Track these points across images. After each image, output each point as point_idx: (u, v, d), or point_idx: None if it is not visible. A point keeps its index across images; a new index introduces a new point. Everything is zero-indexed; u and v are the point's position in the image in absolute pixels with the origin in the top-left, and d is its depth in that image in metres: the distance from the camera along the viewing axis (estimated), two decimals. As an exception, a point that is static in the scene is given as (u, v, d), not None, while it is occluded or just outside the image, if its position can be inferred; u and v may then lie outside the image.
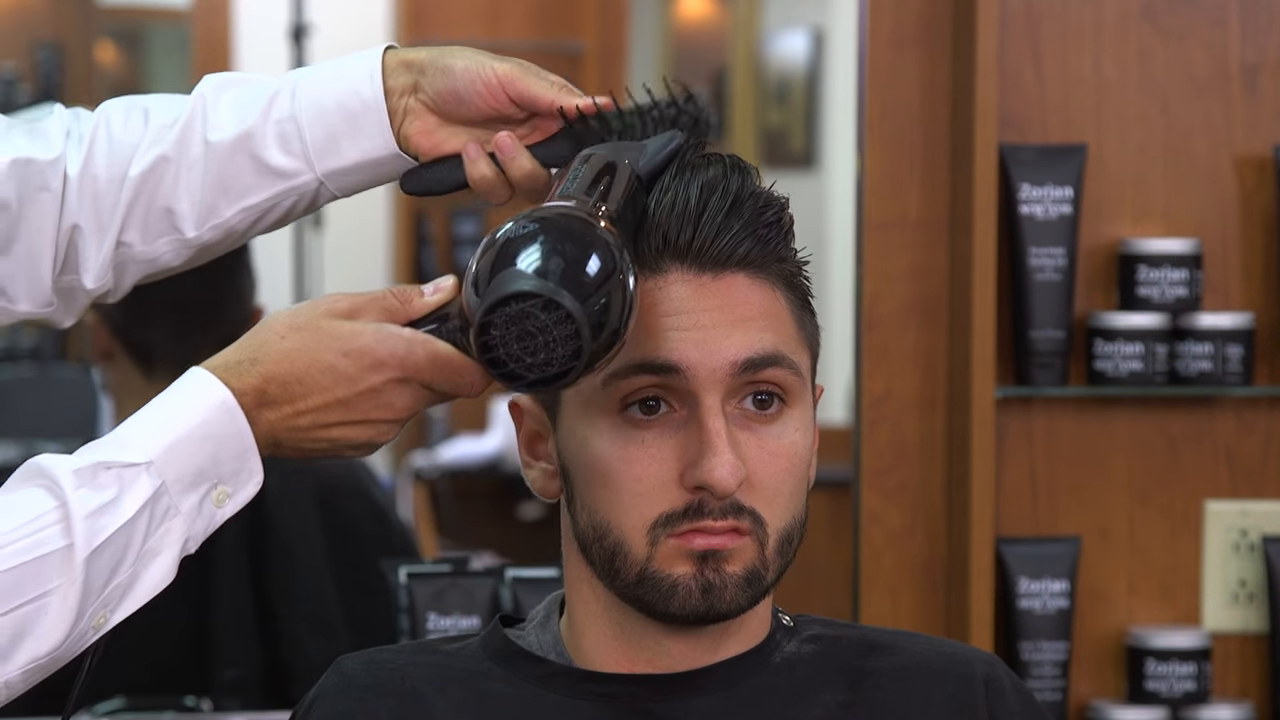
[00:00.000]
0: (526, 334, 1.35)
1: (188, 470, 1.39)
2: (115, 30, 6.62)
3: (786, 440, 1.47)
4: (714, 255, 1.46)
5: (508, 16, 6.51)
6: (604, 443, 1.46)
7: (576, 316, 1.34)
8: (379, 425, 1.42)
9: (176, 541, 1.40)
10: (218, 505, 1.41)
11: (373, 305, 1.43)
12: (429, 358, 1.41)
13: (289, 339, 1.41)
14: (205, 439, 1.39)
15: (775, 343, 1.46)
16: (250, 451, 1.41)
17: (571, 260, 1.36)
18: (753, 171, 1.49)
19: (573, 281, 1.35)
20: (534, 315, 1.35)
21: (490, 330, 1.36)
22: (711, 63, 7.32)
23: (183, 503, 1.40)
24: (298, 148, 1.62)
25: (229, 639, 2.70)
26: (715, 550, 1.45)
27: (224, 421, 1.40)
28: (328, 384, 1.41)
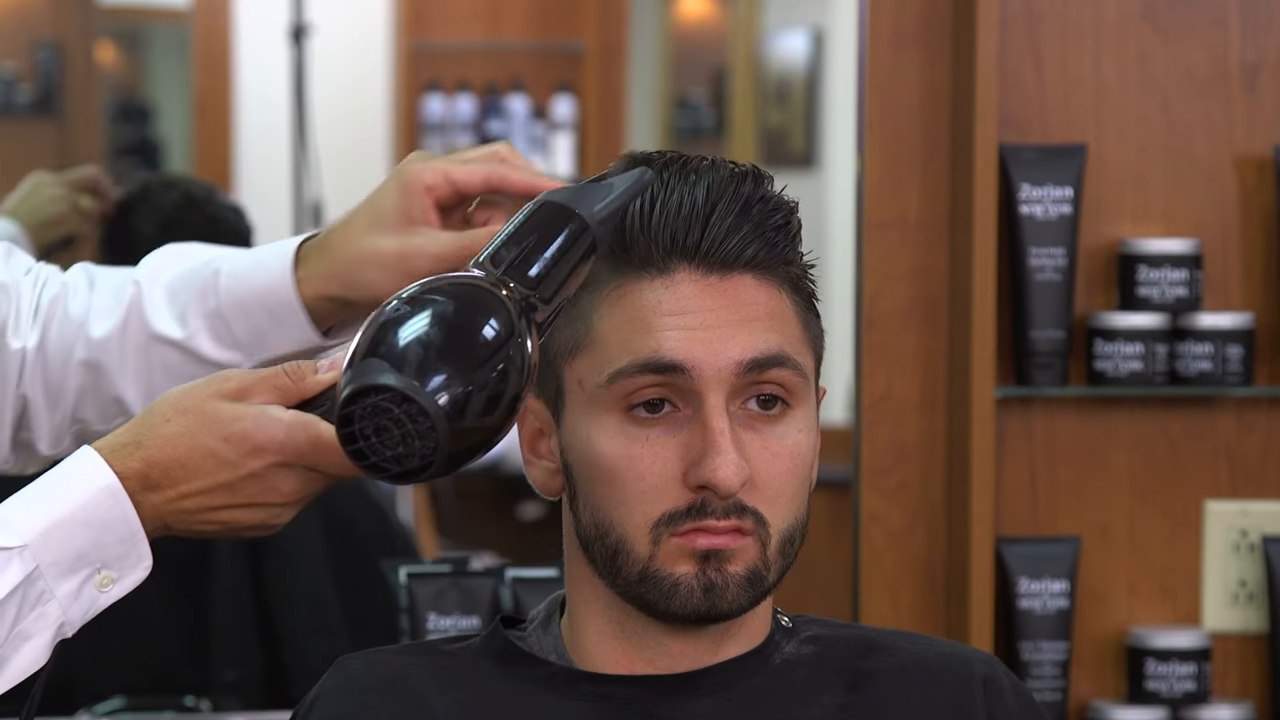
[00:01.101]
0: (383, 428, 1.32)
1: (65, 554, 1.37)
2: (115, 30, 6.62)
3: (790, 441, 1.47)
4: (722, 256, 1.46)
5: (508, 16, 6.51)
6: (608, 441, 1.46)
7: (430, 411, 1.31)
8: (269, 508, 1.41)
9: (50, 626, 1.38)
10: (100, 589, 1.39)
11: (263, 385, 1.41)
12: (309, 441, 1.39)
13: (173, 423, 1.40)
14: (85, 524, 1.37)
15: (780, 344, 1.47)
16: (136, 536, 1.39)
17: (436, 348, 1.32)
18: (767, 178, 1.49)
19: (432, 367, 1.31)
20: (389, 410, 1.32)
21: (351, 422, 1.33)
22: (711, 63, 7.32)
23: (59, 587, 1.37)
24: (230, 341, 1.64)
25: (229, 639, 2.70)
26: (717, 550, 1.45)
27: (107, 505, 1.38)
28: (210, 469, 1.39)
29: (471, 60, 6.49)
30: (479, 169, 1.61)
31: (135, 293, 1.69)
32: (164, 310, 1.66)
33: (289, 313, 1.62)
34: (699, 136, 7.13)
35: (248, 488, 1.39)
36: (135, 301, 1.68)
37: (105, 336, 1.66)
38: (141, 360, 1.65)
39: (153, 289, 1.68)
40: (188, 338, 1.64)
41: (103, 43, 6.36)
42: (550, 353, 1.50)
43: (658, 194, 1.47)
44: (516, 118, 6.45)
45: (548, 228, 1.39)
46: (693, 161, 1.49)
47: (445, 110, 6.44)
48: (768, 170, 1.50)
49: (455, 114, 6.44)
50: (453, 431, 1.32)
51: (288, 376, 1.41)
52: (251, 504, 1.40)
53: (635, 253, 1.46)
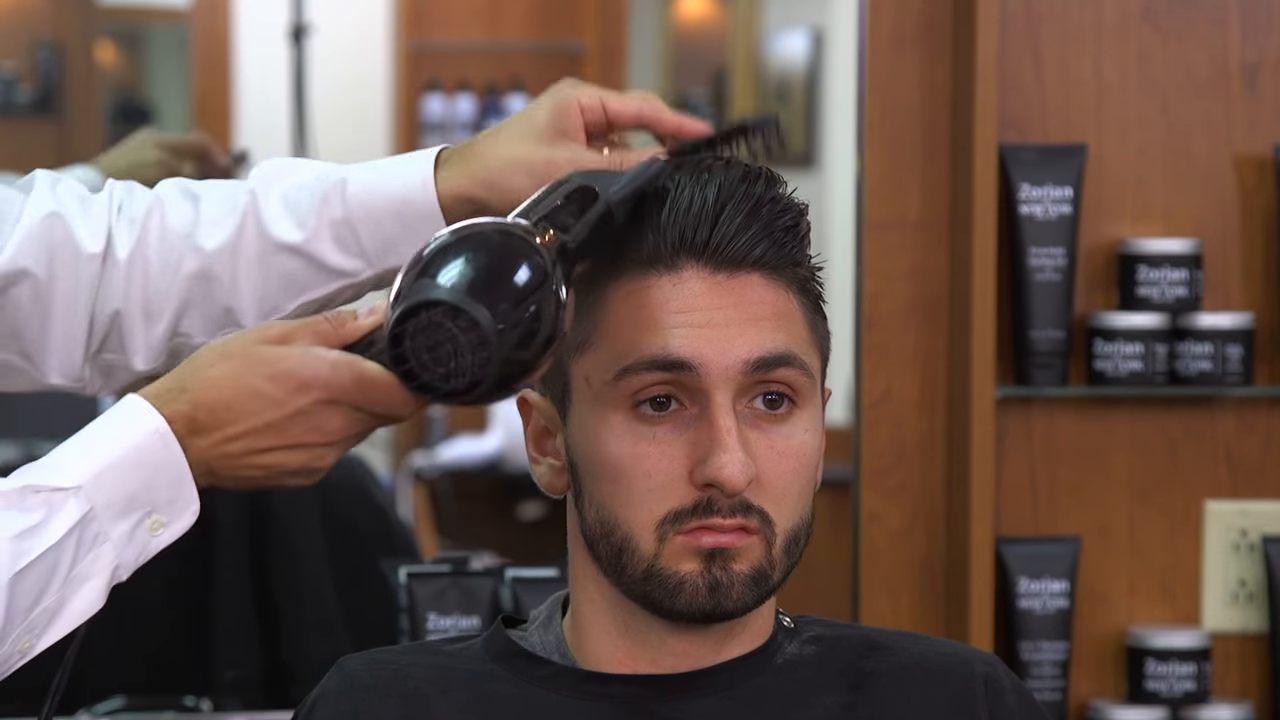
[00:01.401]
0: (436, 344, 1.35)
1: (118, 496, 1.38)
2: (115, 30, 6.62)
3: (796, 440, 1.47)
4: (730, 255, 1.46)
5: (508, 16, 6.51)
6: (614, 438, 1.46)
7: (483, 323, 1.33)
8: (313, 449, 1.41)
9: (106, 568, 1.39)
10: (151, 534, 1.40)
11: (305, 330, 1.42)
12: (355, 378, 1.39)
13: (217, 367, 1.40)
14: (137, 465, 1.38)
15: (788, 343, 1.47)
16: (185, 480, 1.39)
17: (484, 269, 1.35)
18: (779, 180, 1.49)
19: (483, 290, 1.34)
20: (441, 325, 1.34)
21: (402, 341, 1.35)
22: (711, 63, 7.32)
23: (113, 529, 1.38)
24: (355, 249, 1.62)
25: (229, 639, 2.70)
26: (723, 548, 1.45)
27: (157, 449, 1.38)
28: (256, 409, 1.39)
29: (471, 60, 6.49)
30: (633, 102, 1.62)
31: (250, 201, 1.65)
32: (283, 217, 1.63)
33: (425, 220, 1.60)
34: (699, 136, 7.12)
35: (293, 427, 1.39)
36: (251, 209, 1.65)
37: (219, 247, 1.63)
38: (259, 269, 1.63)
39: (268, 197, 1.65)
40: (307, 241, 1.61)
41: (103, 43, 6.37)
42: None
43: (666, 192, 1.47)
44: (516, 118, 6.43)
45: (571, 196, 1.44)
46: (706, 160, 1.49)
47: (445, 110, 6.44)
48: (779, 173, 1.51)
49: (455, 114, 6.45)
50: (503, 352, 1.34)
51: (328, 322, 1.42)
52: (297, 444, 1.40)
53: (644, 250, 1.47)
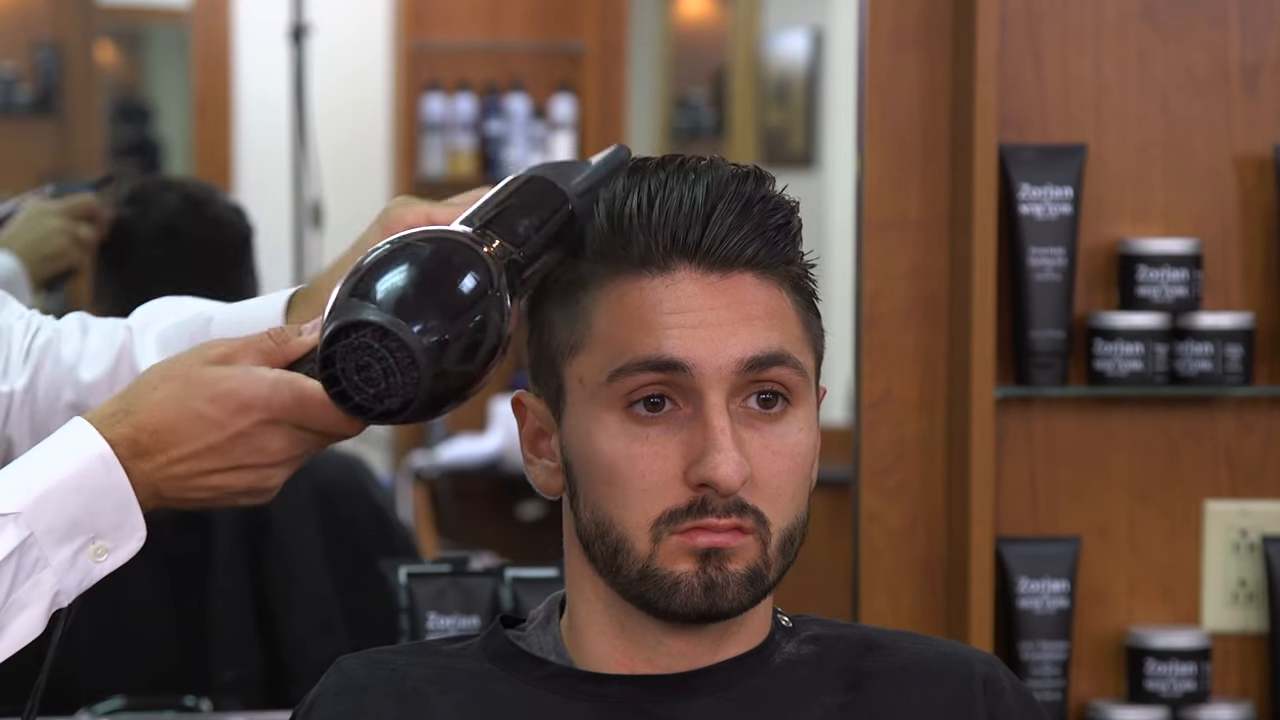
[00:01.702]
0: (364, 365, 1.34)
1: (59, 522, 1.38)
2: (115, 30, 6.62)
3: (790, 440, 1.47)
4: (723, 255, 1.46)
5: (508, 16, 6.51)
6: (609, 439, 1.46)
7: (411, 344, 1.33)
8: (259, 470, 1.41)
9: (46, 594, 1.38)
10: (95, 560, 1.39)
11: (248, 349, 1.42)
12: (295, 397, 1.39)
13: (160, 389, 1.41)
14: (79, 490, 1.38)
15: (781, 342, 1.47)
16: (129, 506, 1.39)
17: (417, 285, 1.34)
18: (768, 178, 1.49)
19: (414, 308, 1.33)
20: (370, 346, 1.33)
21: (333, 363, 1.35)
22: (711, 63, 7.32)
23: (53, 555, 1.38)
24: None
25: (229, 639, 2.70)
26: (718, 548, 1.45)
27: (100, 474, 1.38)
28: (198, 431, 1.39)
29: (471, 60, 6.49)
30: (459, 210, 1.62)
31: (126, 338, 1.71)
32: (153, 354, 1.68)
33: None
34: (699, 136, 7.13)
35: (235, 449, 1.40)
36: (126, 347, 1.69)
37: (94, 380, 1.68)
38: None
39: (144, 336, 1.70)
40: None
41: (103, 43, 6.37)
42: (551, 351, 1.50)
43: (656, 193, 1.47)
44: (516, 118, 6.45)
45: (527, 196, 1.44)
46: (690, 161, 1.49)
47: (445, 110, 6.44)
48: (769, 171, 1.51)
49: (455, 114, 6.44)
50: (433, 370, 1.33)
51: (272, 339, 1.43)
52: (240, 466, 1.40)
53: (635, 251, 1.46)
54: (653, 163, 1.50)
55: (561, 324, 1.49)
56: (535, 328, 1.52)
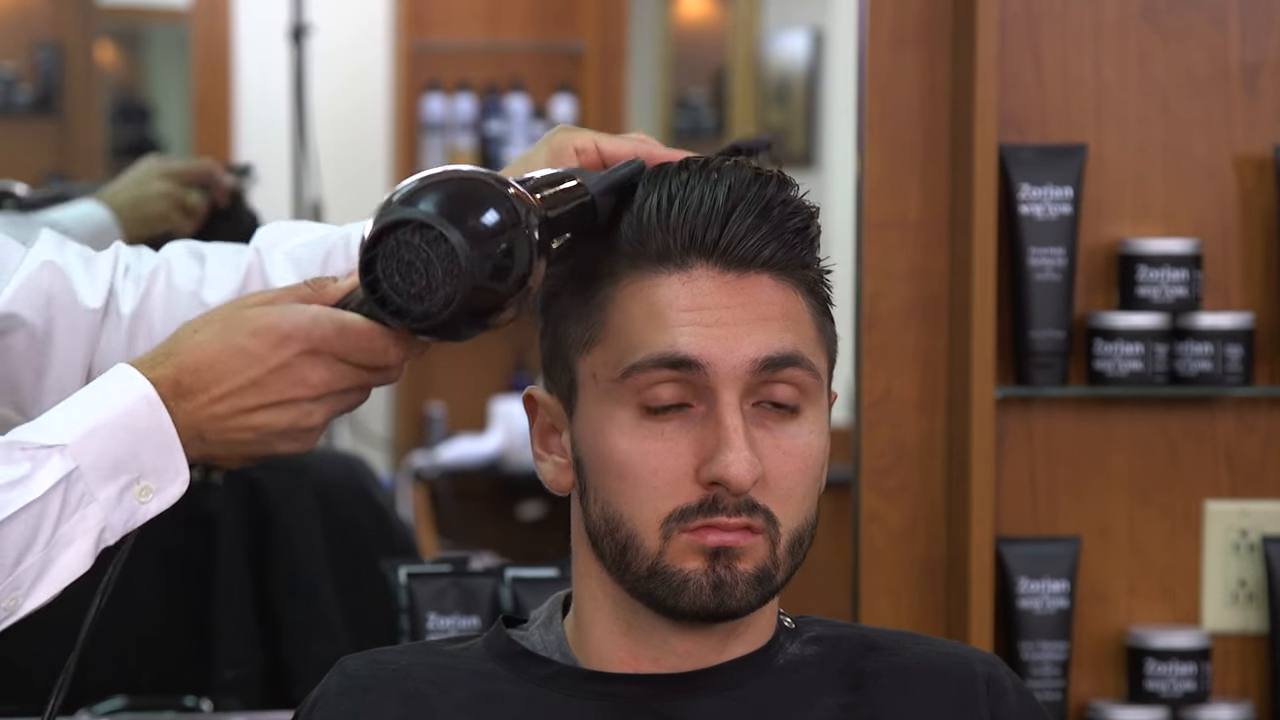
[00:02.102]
0: (407, 263, 1.35)
1: (105, 458, 1.38)
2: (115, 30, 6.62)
3: (802, 441, 1.48)
4: (740, 255, 1.46)
5: (508, 16, 6.51)
6: (621, 435, 1.46)
7: (453, 240, 1.34)
8: (300, 405, 1.40)
9: (92, 529, 1.39)
10: (140, 500, 1.40)
11: (287, 294, 1.43)
12: (335, 327, 1.40)
13: (202, 331, 1.41)
14: (124, 429, 1.38)
15: (795, 343, 1.47)
16: (173, 447, 1.39)
17: (456, 198, 1.36)
18: (790, 183, 1.49)
19: (455, 214, 1.35)
20: (411, 243, 1.35)
21: (374, 266, 1.36)
22: (711, 63, 7.32)
23: (99, 491, 1.38)
24: None
25: (229, 639, 2.70)
26: (728, 547, 1.45)
27: (144, 413, 1.39)
28: (239, 366, 1.39)
29: (471, 60, 6.49)
30: (627, 143, 1.63)
31: (254, 259, 1.69)
32: (288, 272, 1.66)
33: None
34: (699, 136, 7.13)
35: (277, 381, 1.39)
36: (255, 267, 1.68)
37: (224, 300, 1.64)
38: None
39: (273, 254, 1.68)
40: None
41: (103, 43, 6.37)
42: (565, 345, 1.50)
43: (677, 192, 1.47)
44: (516, 118, 6.45)
45: (558, 180, 1.47)
46: (714, 162, 1.49)
47: (445, 110, 6.44)
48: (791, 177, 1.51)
49: (455, 114, 6.45)
50: (472, 273, 1.34)
51: (309, 287, 1.43)
52: (282, 400, 1.40)
53: (653, 248, 1.47)
54: (676, 164, 1.50)
55: (576, 318, 1.49)
56: (549, 322, 1.52)
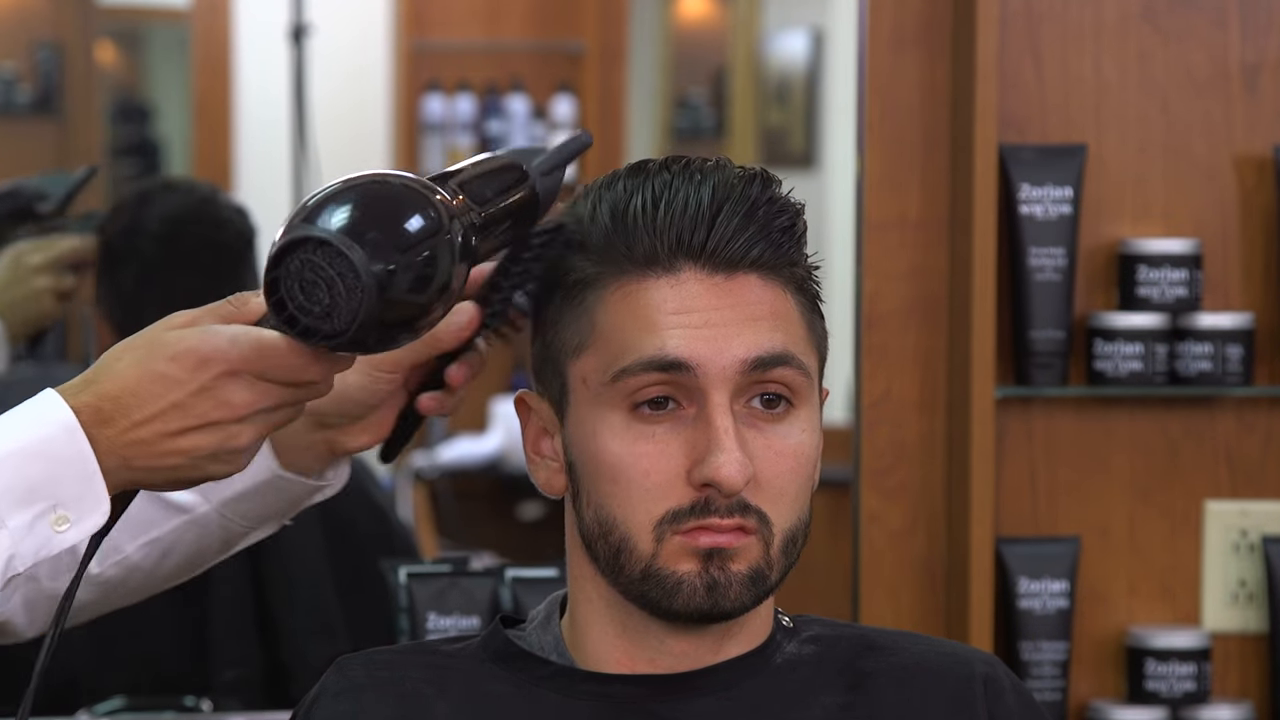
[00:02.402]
0: (310, 282, 1.33)
1: (18, 484, 1.36)
2: (115, 30, 6.62)
3: (793, 440, 1.48)
4: (728, 256, 1.46)
5: (507, 16, 6.52)
6: (612, 438, 1.46)
7: (354, 258, 1.32)
8: (224, 427, 1.38)
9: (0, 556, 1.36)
10: (56, 529, 1.37)
11: (208, 314, 1.41)
12: (253, 346, 1.38)
13: (124, 358, 1.39)
14: (39, 456, 1.36)
15: (785, 343, 1.47)
16: (94, 478, 1.37)
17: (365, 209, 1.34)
18: (774, 180, 1.49)
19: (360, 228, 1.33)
20: (312, 262, 1.33)
21: (278, 286, 1.34)
22: (711, 63, 7.32)
23: (10, 518, 1.36)
24: None
25: (229, 639, 2.70)
26: (721, 548, 1.45)
27: (63, 441, 1.36)
28: (159, 391, 1.37)
29: (471, 60, 6.49)
30: None
31: None
32: None
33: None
34: (699, 136, 7.13)
35: (199, 404, 1.38)
36: None
37: None
38: None
39: None
40: None
41: (103, 43, 6.37)
42: (555, 351, 1.50)
43: (661, 194, 1.47)
44: (516, 118, 6.45)
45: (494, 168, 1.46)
46: (696, 162, 1.49)
47: (445, 110, 6.45)
48: (774, 173, 1.51)
49: (455, 114, 6.45)
50: (378, 290, 1.32)
51: (231, 304, 1.42)
52: (206, 423, 1.38)
53: (640, 251, 1.47)
54: (656, 164, 1.50)
55: (565, 324, 1.49)
56: (539, 328, 1.52)
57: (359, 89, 6.53)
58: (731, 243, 1.46)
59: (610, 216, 1.48)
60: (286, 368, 1.38)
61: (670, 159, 1.50)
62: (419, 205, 1.35)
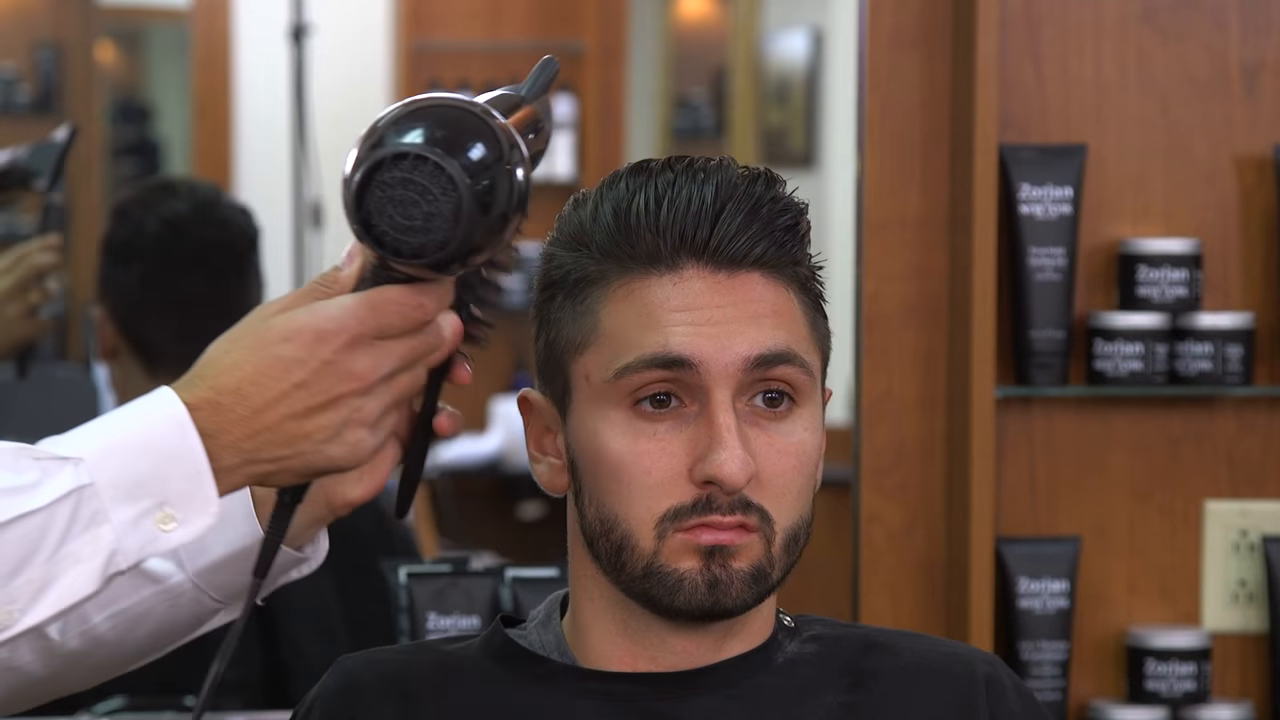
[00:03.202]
0: (400, 200, 1.30)
1: (124, 478, 1.31)
2: (115, 30, 6.62)
3: (796, 439, 1.48)
4: (731, 254, 1.47)
5: (508, 16, 6.52)
6: (614, 436, 1.46)
7: (448, 168, 1.29)
8: (349, 401, 1.33)
9: (103, 551, 1.31)
10: (161, 527, 1.32)
11: (302, 297, 1.37)
12: (365, 304, 1.33)
13: (232, 352, 1.34)
14: (148, 450, 1.31)
15: (788, 341, 1.47)
16: (203, 475, 1.32)
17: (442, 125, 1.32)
18: (778, 180, 1.49)
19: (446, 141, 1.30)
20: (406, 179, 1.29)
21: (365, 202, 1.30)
22: (711, 63, 7.32)
23: (115, 512, 1.30)
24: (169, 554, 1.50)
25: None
26: (722, 546, 1.45)
27: (172, 435, 1.31)
28: (280, 373, 1.32)
29: (471, 60, 6.49)
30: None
31: None
32: None
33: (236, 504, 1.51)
34: (699, 136, 7.13)
35: (323, 380, 1.32)
36: None
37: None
38: None
39: None
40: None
41: (103, 43, 6.37)
42: (557, 348, 1.50)
43: (664, 192, 1.47)
44: (516, 118, 6.44)
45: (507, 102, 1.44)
46: (699, 161, 1.50)
47: (445, 110, 6.44)
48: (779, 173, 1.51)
49: (455, 114, 6.44)
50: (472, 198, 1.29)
51: (320, 283, 1.37)
52: (331, 398, 1.33)
53: (642, 249, 1.47)
54: (659, 163, 1.50)
55: (568, 321, 1.49)
56: (542, 325, 1.52)
57: (359, 89, 6.53)
58: (734, 240, 1.46)
59: (613, 215, 1.48)
60: (401, 312, 1.33)
61: (673, 159, 1.51)
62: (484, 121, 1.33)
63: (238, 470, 1.33)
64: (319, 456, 1.34)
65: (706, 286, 1.46)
